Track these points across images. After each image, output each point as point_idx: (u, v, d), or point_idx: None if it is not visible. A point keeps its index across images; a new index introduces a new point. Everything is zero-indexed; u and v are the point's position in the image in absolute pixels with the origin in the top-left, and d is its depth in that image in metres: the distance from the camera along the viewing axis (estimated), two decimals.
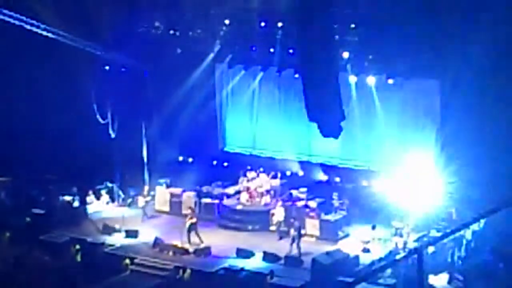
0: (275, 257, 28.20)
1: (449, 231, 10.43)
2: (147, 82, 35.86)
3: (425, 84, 31.43)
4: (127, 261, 28.37)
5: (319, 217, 30.42)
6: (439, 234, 27.77)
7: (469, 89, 28.67)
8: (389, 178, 31.75)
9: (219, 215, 32.30)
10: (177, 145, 36.26)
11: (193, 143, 35.76)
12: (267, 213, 31.49)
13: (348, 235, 30.28)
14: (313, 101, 15.35)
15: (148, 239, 30.09)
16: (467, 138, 29.04)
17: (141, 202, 32.84)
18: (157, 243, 29.49)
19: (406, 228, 28.88)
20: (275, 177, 33.39)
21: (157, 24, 34.92)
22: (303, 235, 29.60)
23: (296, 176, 34.51)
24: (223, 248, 29.12)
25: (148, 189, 33.71)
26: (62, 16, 31.44)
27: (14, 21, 30.37)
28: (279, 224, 30.58)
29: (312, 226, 30.29)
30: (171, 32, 34.89)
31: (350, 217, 31.06)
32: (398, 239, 28.62)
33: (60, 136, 33.24)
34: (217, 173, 35.47)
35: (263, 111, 35.78)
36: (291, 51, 32.02)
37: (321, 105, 15.31)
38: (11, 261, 27.77)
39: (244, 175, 33.44)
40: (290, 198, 32.26)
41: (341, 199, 31.68)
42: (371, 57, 31.67)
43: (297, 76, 31.41)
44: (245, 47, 34.36)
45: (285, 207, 31.04)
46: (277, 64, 33.91)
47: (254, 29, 33.49)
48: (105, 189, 34.44)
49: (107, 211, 33.42)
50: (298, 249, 28.53)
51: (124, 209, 33.01)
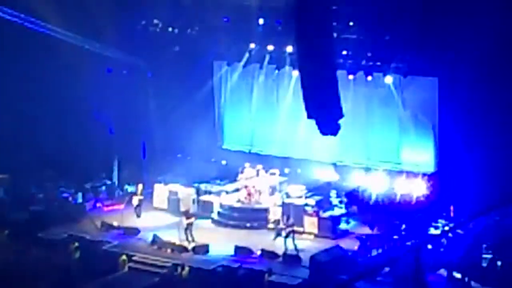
0: (273, 255, 28.23)
1: (447, 229, 10.48)
2: (145, 80, 35.83)
3: (423, 82, 31.44)
4: (124, 257, 28.36)
5: (317, 215, 30.45)
6: (437, 232, 27.86)
7: (467, 87, 28.72)
8: (387, 175, 31.80)
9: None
10: (175, 143, 36.22)
11: (191, 141, 35.73)
12: (265, 211, 31.49)
13: (346, 232, 30.29)
14: (312, 98, 15.37)
15: (146, 236, 30.11)
16: (465, 135, 29.10)
17: (135, 201, 32.50)
18: (155, 241, 29.50)
19: (404, 226, 28.91)
20: (273, 174, 33.41)
21: (155, 22, 34.92)
22: (302, 233, 29.62)
23: (295, 173, 34.49)
24: (221, 246, 29.12)
25: (142, 188, 32.97)
26: (61, 14, 31.47)
27: (14, 19, 30.36)
28: (277, 222, 30.47)
29: (311, 224, 30.31)
30: (169, 30, 34.90)
31: (348, 214, 31.09)
32: (396, 236, 28.64)
33: (59, 133, 33.23)
34: (215, 171, 35.45)
35: (261, 108, 35.74)
36: (289, 48, 32.02)
37: (319, 102, 15.34)
38: (9, 258, 27.76)
39: (242, 172, 33.44)
40: (288, 195, 32.26)
41: (339, 196, 31.69)
42: (369, 54, 31.68)
43: (295, 74, 31.40)
44: (243, 44, 34.34)
45: (282, 205, 31.01)
46: (276, 62, 33.91)
47: (252, 26, 33.49)
48: (103, 186, 34.42)
49: (105, 208, 33.38)
50: (294, 245, 28.57)
51: (122, 206, 32.96)
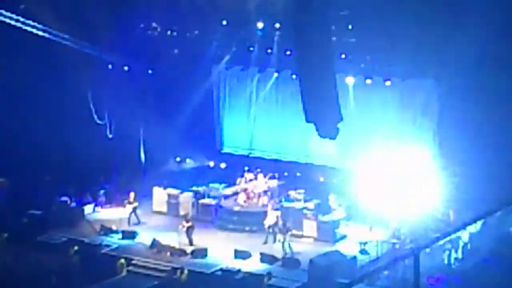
0: (272, 258, 28.19)
1: (446, 232, 10.44)
2: (144, 83, 35.83)
3: (422, 84, 31.46)
4: (122, 261, 28.30)
5: (316, 219, 30.41)
6: (436, 235, 27.83)
7: (466, 88, 28.70)
8: (386, 178, 31.75)
9: (216, 216, 32.24)
10: (175, 146, 36.20)
11: (190, 144, 35.71)
12: (265, 214, 31.45)
13: (345, 236, 30.27)
14: (311, 102, 15.37)
15: (145, 240, 30.07)
16: (464, 137, 29.06)
17: (128, 208, 31.84)
18: (154, 244, 29.46)
19: (404, 229, 28.87)
20: (272, 178, 33.39)
21: (154, 25, 34.91)
22: (300, 236, 29.59)
23: (294, 177, 34.47)
24: (220, 249, 29.09)
25: (134, 195, 32.12)
26: (59, 17, 31.45)
27: (12, 22, 30.32)
28: (270, 227, 30.24)
29: (310, 228, 30.28)
30: (168, 33, 34.90)
31: (347, 218, 31.05)
32: (395, 240, 28.61)
33: (57, 137, 33.17)
34: (214, 174, 35.44)
35: (260, 112, 35.75)
36: (288, 52, 32.03)
37: (318, 106, 15.33)
38: (8, 262, 27.71)
39: (241, 176, 33.41)
40: (287, 199, 32.22)
41: (338, 200, 31.65)
42: (368, 58, 31.69)
43: (294, 77, 31.39)
44: (242, 48, 34.34)
45: (279, 210, 30.91)
46: (275, 65, 33.92)
47: (251, 30, 33.51)
48: (102, 190, 34.37)
49: (104, 212, 33.35)
50: (290, 249, 28.60)
51: (121, 210, 32.88)
